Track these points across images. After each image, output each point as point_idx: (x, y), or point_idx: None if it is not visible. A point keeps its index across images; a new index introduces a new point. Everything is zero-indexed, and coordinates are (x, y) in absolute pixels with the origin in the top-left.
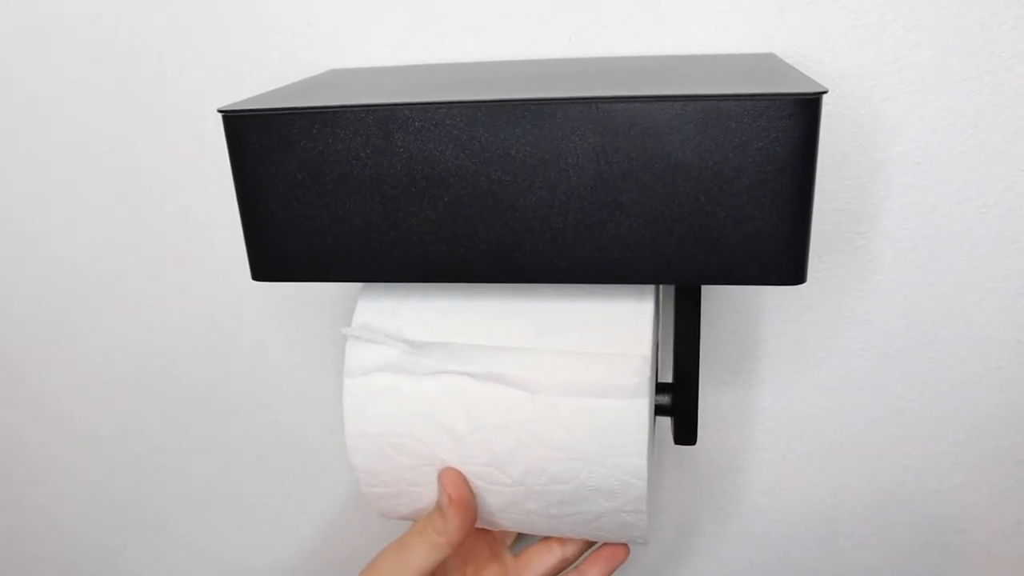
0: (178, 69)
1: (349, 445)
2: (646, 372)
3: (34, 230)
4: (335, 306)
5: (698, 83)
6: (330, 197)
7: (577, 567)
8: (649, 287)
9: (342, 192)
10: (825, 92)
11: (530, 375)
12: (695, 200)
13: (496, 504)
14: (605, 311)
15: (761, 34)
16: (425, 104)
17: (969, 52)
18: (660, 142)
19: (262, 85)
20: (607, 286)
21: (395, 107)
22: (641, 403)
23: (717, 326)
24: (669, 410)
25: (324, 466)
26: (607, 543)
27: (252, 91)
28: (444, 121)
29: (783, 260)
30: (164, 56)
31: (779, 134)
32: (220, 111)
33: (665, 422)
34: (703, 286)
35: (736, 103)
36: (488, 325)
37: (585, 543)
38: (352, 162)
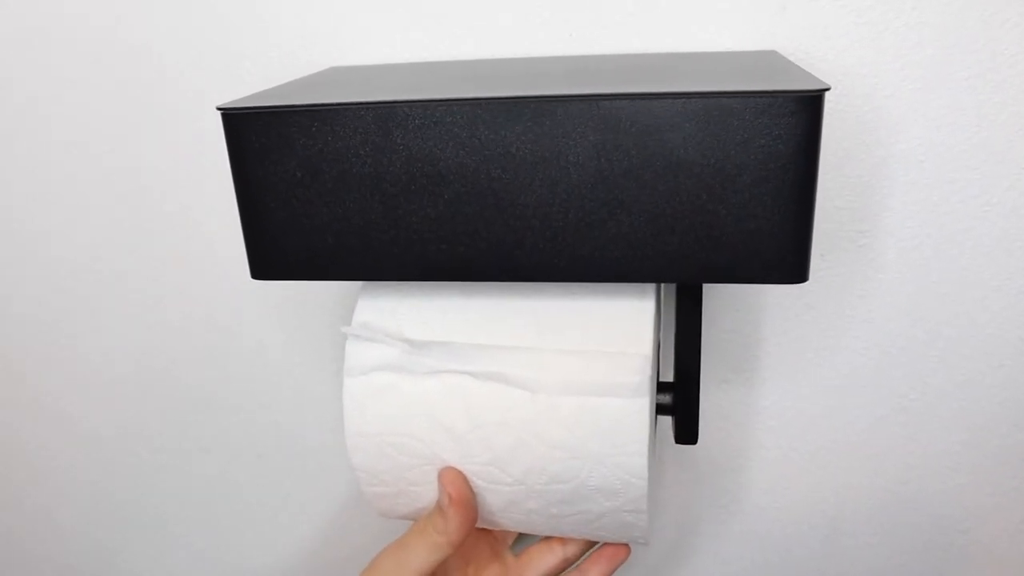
0: (178, 69)
1: (349, 444)
2: (647, 371)
3: (34, 230)
4: (335, 306)
5: (700, 80)
6: (330, 195)
7: (578, 567)
8: (650, 285)
9: (342, 190)
10: (828, 89)
11: (530, 374)
12: (696, 198)
13: (496, 503)
14: (606, 310)
15: (763, 31)
16: (425, 101)
17: (971, 50)
18: (661, 139)
19: (262, 85)
20: (608, 285)
21: (395, 104)
22: (642, 402)
23: (718, 324)
24: (670, 409)
25: (324, 466)
26: (608, 543)
27: (252, 91)
28: (444, 119)
29: (785, 258)
30: (164, 56)
31: (781, 131)
32: (219, 109)
33: (666, 421)
34: (704, 284)
35: (738, 100)
36: (488, 324)
37: (586, 543)
38: (352, 160)
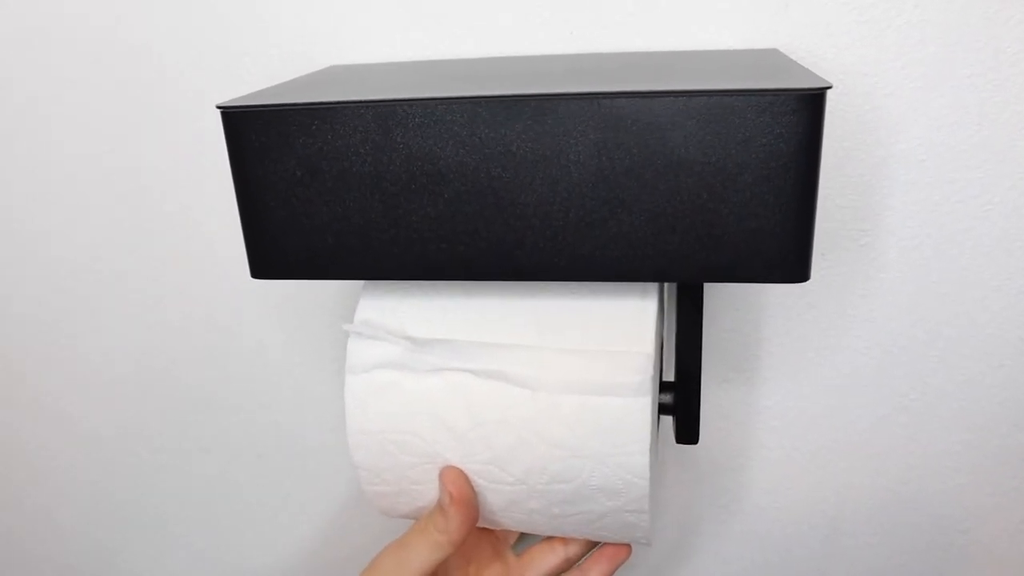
0: (178, 69)
1: (351, 442)
2: (649, 370)
3: (34, 230)
4: (335, 305)
5: (701, 78)
6: (329, 194)
7: (579, 566)
8: (653, 285)
9: (341, 189)
10: (829, 88)
11: (532, 372)
12: (697, 197)
13: (498, 503)
14: (608, 309)
15: (764, 29)
16: (425, 100)
17: (973, 48)
18: (662, 138)
19: (262, 85)
20: (610, 285)
21: (394, 103)
22: (644, 401)
23: (719, 324)
24: (671, 409)
25: (324, 466)
26: (609, 543)
27: (252, 91)
28: (444, 117)
29: (786, 258)
30: (164, 56)
31: (783, 130)
32: (219, 107)
33: (667, 420)
34: (705, 284)
35: (739, 99)
36: (490, 322)
37: (588, 543)
38: (351, 159)
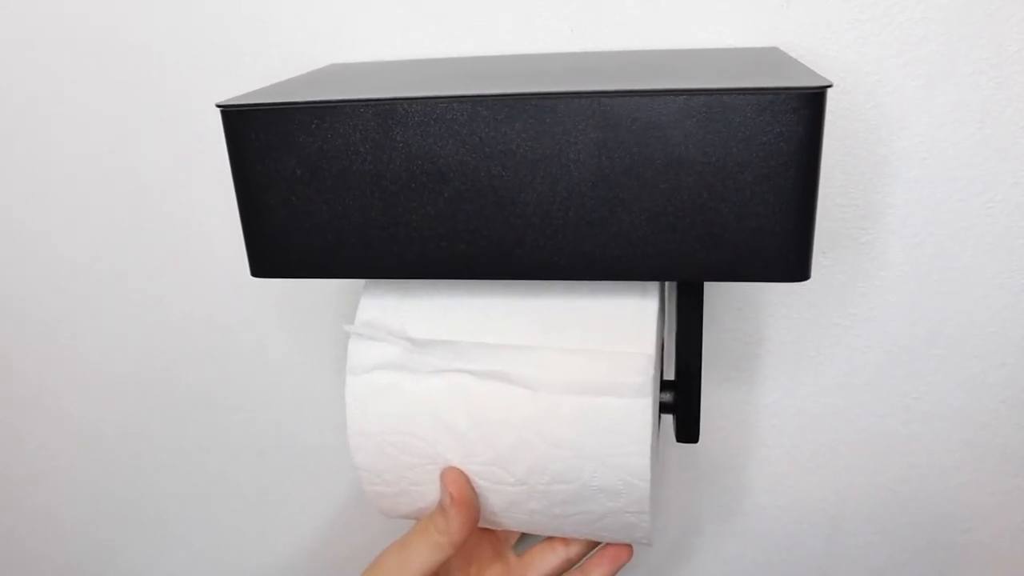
0: (178, 69)
1: (351, 443)
2: (650, 371)
3: (34, 230)
4: (335, 305)
5: (701, 77)
6: (329, 193)
7: (580, 567)
8: (653, 284)
9: (341, 187)
10: (830, 86)
11: (533, 373)
12: (698, 196)
13: (499, 504)
14: (609, 309)
15: (765, 27)
16: (425, 98)
17: (976, 45)
18: (662, 137)
19: (262, 84)
20: (611, 284)
21: (394, 101)
22: (644, 402)
23: (720, 323)
24: (671, 407)
25: (324, 465)
26: (611, 543)
27: (252, 90)
28: (444, 116)
29: (786, 257)
30: (164, 56)
31: (783, 129)
32: (219, 106)
33: (667, 420)
34: (706, 283)
35: (740, 97)
36: (491, 323)
37: (589, 543)
38: (351, 157)
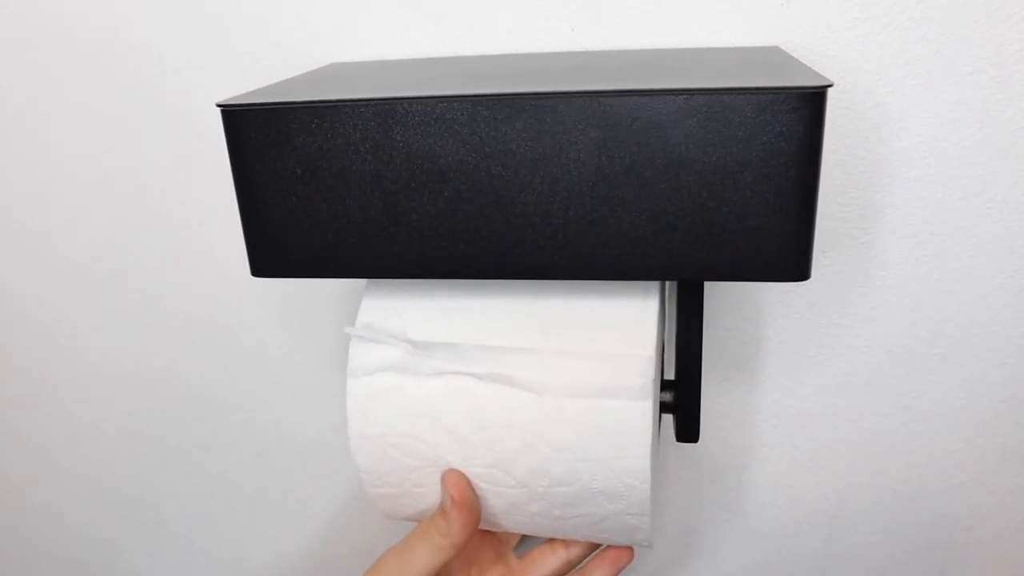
0: (178, 69)
1: (352, 446)
2: (650, 373)
3: (34, 230)
4: (335, 304)
5: (701, 77)
6: (330, 192)
7: (581, 569)
8: (654, 285)
9: (342, 187)
10: (830, 85)
11: (535, 376)
12: (698, 196)
13: (499, 506)
14: (609, 310)
15: (765, 27)
16: (425, 98)
17: (976, 45)
18: (662, 136)
19: (262, 84)
20: (612, 285)
21: (394, 101)
22: (645, 405)
23: (720, 322)
24: (671, 407)
25: (324, 464)
26: (611, 545)
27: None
28: (444, 115)
29: (787, 256)
30: (164, 56)
31: (783, 128)
32: (219, 105)
33: (667, 419)
34: (706, 282)
35: (740, 97)
36: (492, 325)
37: (590, 545)
38: (351, 157)
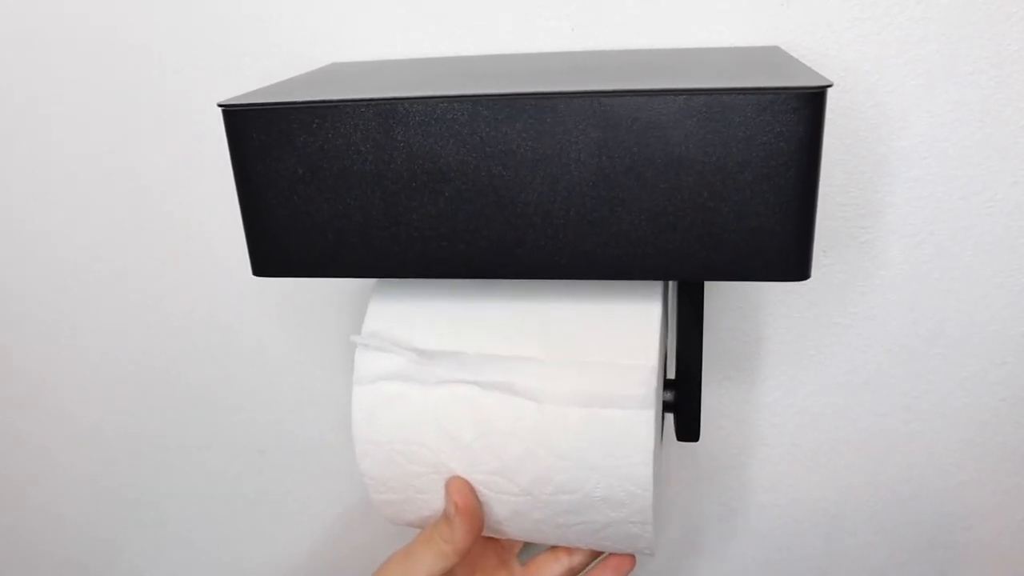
0: (178, 69)
1: (358, 452)
2: (652, 383)
3: (34, 230)
4: (335, 304)
5: (701, 77)
6: (330, 192)
7: None
8: (657, 292)
9: (342, 187)
10: (830, 85)
11: (538, 385)
12: (698, 195)
13: (503, 513)
14: (613, 319)
15: (765, 27)
16: (425, 98)
17: (976, 45)
18: (663, 137)
19: (262, 84)
20: (615, 290)
21: (395, 101)
22: (647, 414)
23: (720, 322)
24: (672, 406)
25: (324, 464)
26: (614, 553)
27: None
28: (445, 115)
29: (787, 256)
30: (164, 56)
31: (783, 128)
32: (220, 105)
33: (668, 419)
34: (706, 282)
35: (740, 97)
36: (497, 334)
37: (592, 552)
38: (352, 157)
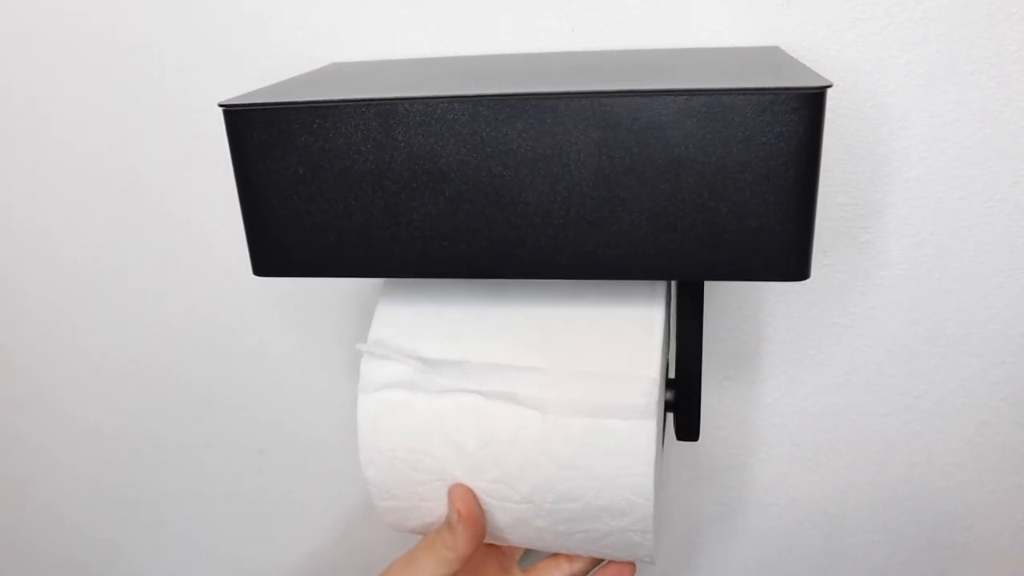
0: (178, 69)
1: (362, 459)
2: (654, 394)
3: (34, 230)
4: (336, 303)
5: (701, 77)
6: (331, 192)
7: None
8: (659, 297)
9: (343, 187)
10: (830, 86)
11: (541, 394)
12: (698, 196)
13: (505, 520)
14: (614, 327)
15: (765, 27)
16: (426, 98)
17: (976, 45)
18: (663, 137)
19: (262, 84)
20: (617, 298)
21: (396, 101)
22: (649, 424)
23: (720, 322)
24: (672, 406)
25: (325, 464)
26: (614, 560)
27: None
28: (445, 115)
29: (787, 256)
30: (164, 56)
31: (783, 129)
32: (221, 105)
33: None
34: (706, 282)
35: (740, 97)
36: (500, 343)
37: (593, 559)
38: (353, 157)
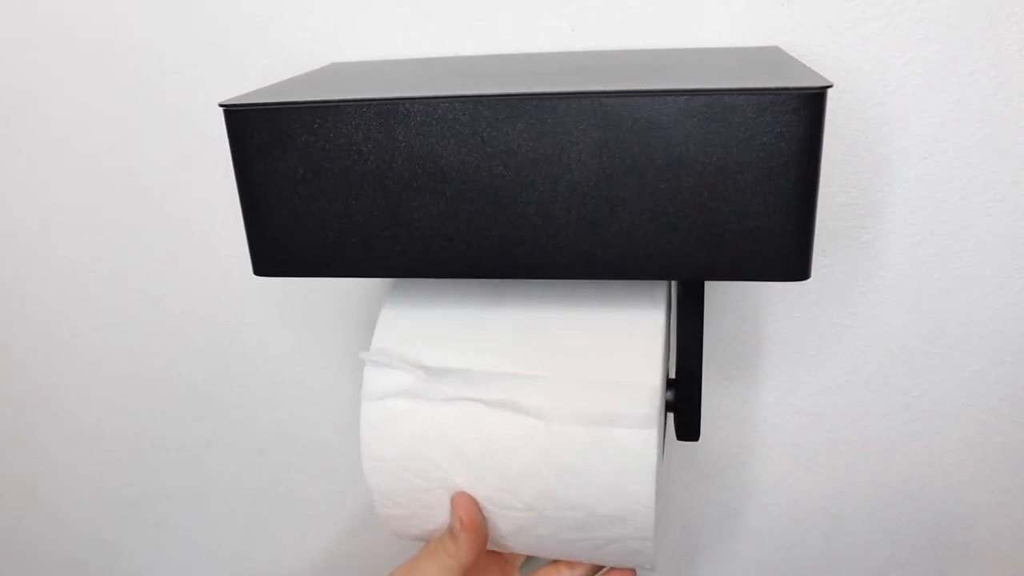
0: (178, 69)
1: (366, 467)
2: (655, 403)
3: (34, 229)
4: (336, 303)
5: (702, 77)
6: (332, 192)
7: None
8: (660, 302)
9: (344, 187)
10: (830, 86)
11: (543, 403)
12: (698, 196)
13: (507, 528)
14: (616, 334)
15: (766, 27)
16: (427, 98)
17: (976, 45)
18: (663, 137)
19: (263, 84)
20: (619, 303)
21: (396, 101)
22: (650, 433)
23: (720, 322)
24: (672, 406)
25: (325, 463)
26: (615, 567)
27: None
28: (446, 115)
29: (787, 256)
30: (164, 55)
31: (783, 129)
32: (221, 105)
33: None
34: (706, 282)
35: (740, 97)
36: (503, 351)
37: (594, 566)
38: (353, 157)
